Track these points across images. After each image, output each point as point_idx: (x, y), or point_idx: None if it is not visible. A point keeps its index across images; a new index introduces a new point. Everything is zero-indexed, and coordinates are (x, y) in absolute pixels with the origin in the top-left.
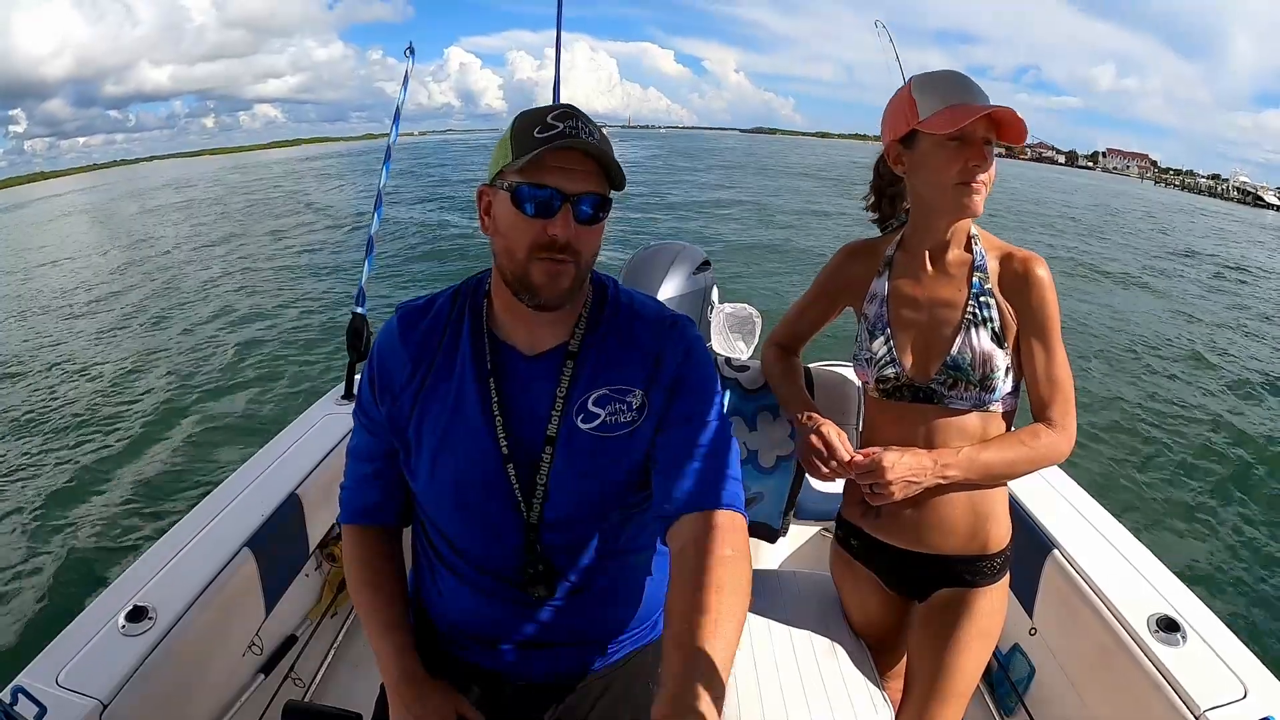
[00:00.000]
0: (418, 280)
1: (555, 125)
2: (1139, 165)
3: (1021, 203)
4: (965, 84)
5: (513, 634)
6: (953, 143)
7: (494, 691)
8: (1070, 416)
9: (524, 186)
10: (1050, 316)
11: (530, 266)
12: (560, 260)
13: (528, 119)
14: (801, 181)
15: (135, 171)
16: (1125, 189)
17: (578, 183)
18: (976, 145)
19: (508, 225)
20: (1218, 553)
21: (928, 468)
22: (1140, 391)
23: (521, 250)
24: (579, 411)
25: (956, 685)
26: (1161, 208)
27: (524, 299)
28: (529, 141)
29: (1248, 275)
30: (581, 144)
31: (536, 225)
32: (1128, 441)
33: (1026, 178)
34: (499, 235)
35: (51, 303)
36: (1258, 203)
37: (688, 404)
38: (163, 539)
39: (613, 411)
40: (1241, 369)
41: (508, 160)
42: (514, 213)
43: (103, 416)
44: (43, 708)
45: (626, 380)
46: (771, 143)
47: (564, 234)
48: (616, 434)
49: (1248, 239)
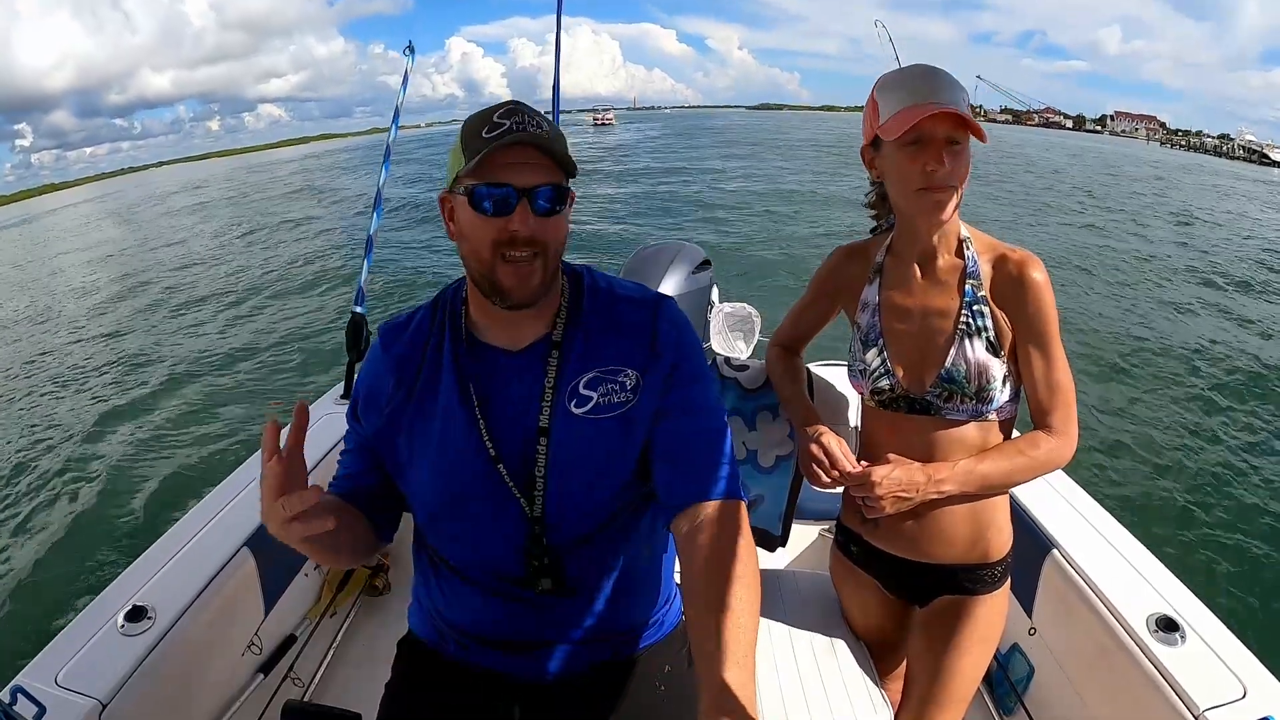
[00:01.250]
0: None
1: (502, 123)
2: (1147, 127)
3: (1015, 168)
4: (926, 81)
5: (518, 634)
6: (911, 146)
7: (499, 693)
8: (1071, 422)
9: (479, 187)
10: (1047, 320)
11: (496, 269)
12: (526, 258)
13: (475, 121)
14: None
15: (143, 178)
16: (1132, 152)
17: (531, 176)
18: (934, 146)
19: (469, 228)
20: (1218, 553)
21: (919, 483)
22: (1140, 391)
23: (486, 250)
24: (571, 397)
25: (956, 690)
26: (1158, 168)
27: (495, 301)
28: (478, 143)
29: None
30: (529, 137)
31: (496, 223)
32: (1128, 441)
33: (1034, 142)
34: (463, 239)
35: (51, 308)
36: (1264, 160)
37: (686, 391)
38: (162, 539)
39: (605, 393)
40: (1242, 368)
41: (461, 165)
42: (473, 214)
43: (102, 417)
44: (42, 707)
45: (617, 360)
46: (775, 118)
47: (524, 229)
48: (611, 414)
49: (1249, 196)
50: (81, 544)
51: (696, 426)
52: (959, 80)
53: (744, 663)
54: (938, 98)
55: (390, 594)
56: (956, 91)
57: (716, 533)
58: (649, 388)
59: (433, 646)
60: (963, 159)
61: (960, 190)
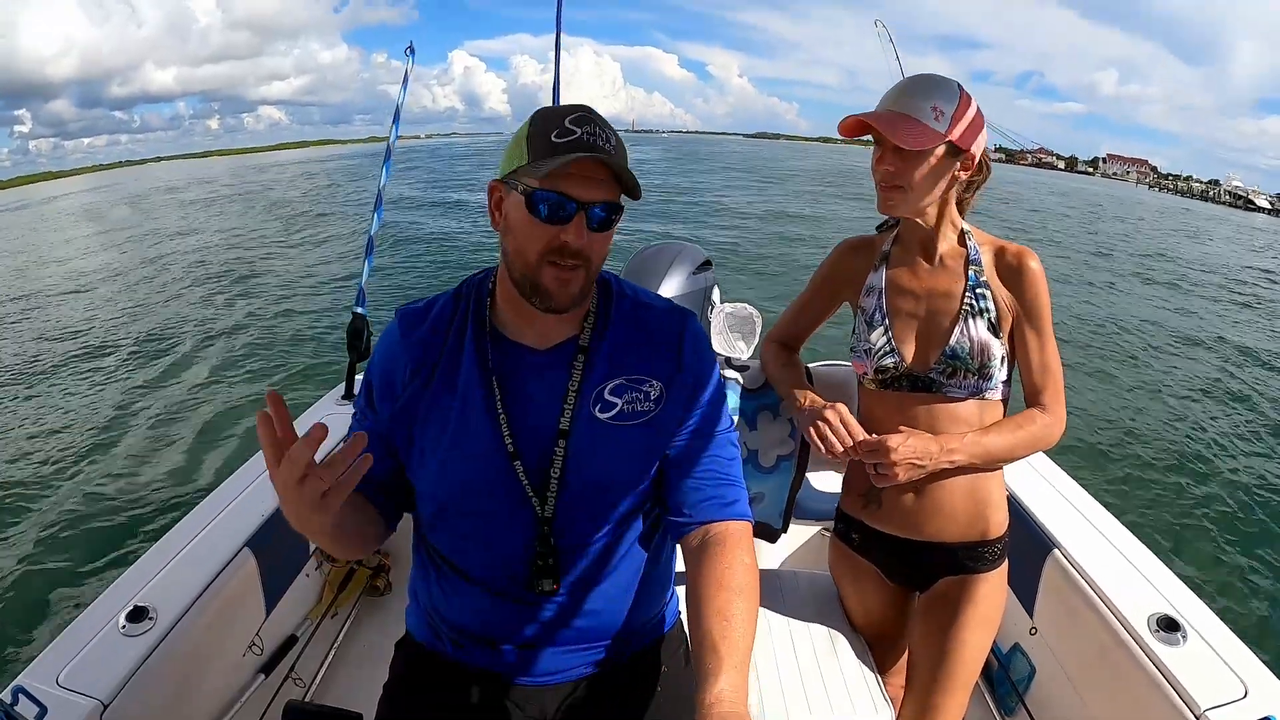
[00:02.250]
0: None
1: (573, 130)
2: (1138, 171)
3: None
4: (897, 90)
5: (519, 634)
6: (876, 146)
7: (499, 693)
8: (1060, 403)
9: (539, 192)
10: (1044, 306)
11: (541, 271)
12: (571, 266)
13: (545, 121)
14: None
15: (141, 172)
16: (1119, 194)
17: (593, 191)
18: (882, 148)
19: (520, 228)
20: (1218, 552)
21: (933, 452)
22: (1140, 391)
23: (533, 254)
24: (596, 402)
25: (959, 674)
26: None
27: (534, 302)
28: (546, 146)
29: (1240, 272)
30: (600, 155)
31: (550, 231)
32: (1128, 441)
33: (1025, 182)
34: (510, 235)
35: (48, 303)
36: (1249, 206)
37: (706, 411)
38: (163, 539)
39: (630, 400)
40: (1244, 369)
41: (523, 161)
42: (527, 217)
43: (102, 417)
44: (43, 708)
45: (643, 370)
46: (774, 148)
47: (577, 241)
48: (635, 422)
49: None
50: (82, 544)
51: (713, 449)
52: (951, 90)
53: (740, 667)
54: (884, 105)
55: (391, 594)
56: (915, 98)
57: (724, 552)
58: (673, 400)
59: (430, 648)
60: (913, 163)
61: (912, 191)
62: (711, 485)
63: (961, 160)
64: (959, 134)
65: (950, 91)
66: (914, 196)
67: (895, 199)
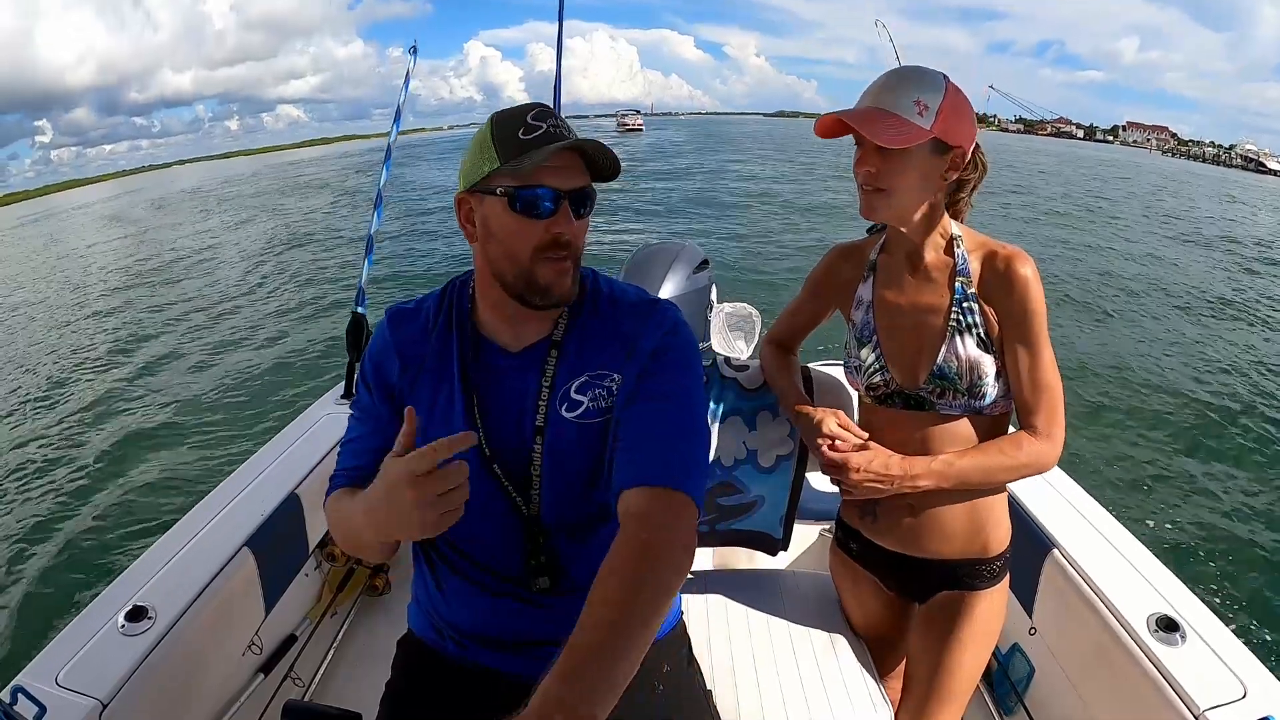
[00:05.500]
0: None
1: (538, 125)
2: (1158, 138)
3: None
4: (877, 84)
5: (514, 633)
6: (858, 147)
7: (499, 693)
8: (1057, 425)
9: (523, 189)
10: (1034, 314)
11: (536, 267)
12: (563, 257)
13: (507, 123)
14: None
15: (162, 177)
16: (1130, 159)
17: (572, 179)
18: (862, 149)
19: (506, 230)
20: (1218, 553)
21: (895, 476)
22: (1140, 391)
23: (526, 253)
24: (563, 400)
25: (956, 686)
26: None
27: (535, 300)
28: (517, 145)
29: (1253, 251)
30: (579, 143)
31: (540, 226)
32: (1128, 441)
33: (1049, 151)
34: (494, 241)
35: (56, 307)
36: (1260, 169)
37: (661, 381)
38: (162, 539)
39: (594, 398)
40: (1243, 367)
41: (495, 165)
42: (513, 217)
43: (103, 417)
44: (42, 707)
45: (605, 365)
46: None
47: (567, 231)
48: (598, 419)
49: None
50: (81, 544)
51: (663, 415)
52: (935, 82)
53: (611, 673)
54: (864, 101)
55: (390, 594)
56: (896, 92)
57: (652, 525)
58: (624, 387)
59: (432, 646)
60: (896, 163)
61: (895, 194)
62: (650, 448)
63: (950, 157)
64: (945, 128)
65: (935, 83)
66: (897, 200)
67: (877, 203)
